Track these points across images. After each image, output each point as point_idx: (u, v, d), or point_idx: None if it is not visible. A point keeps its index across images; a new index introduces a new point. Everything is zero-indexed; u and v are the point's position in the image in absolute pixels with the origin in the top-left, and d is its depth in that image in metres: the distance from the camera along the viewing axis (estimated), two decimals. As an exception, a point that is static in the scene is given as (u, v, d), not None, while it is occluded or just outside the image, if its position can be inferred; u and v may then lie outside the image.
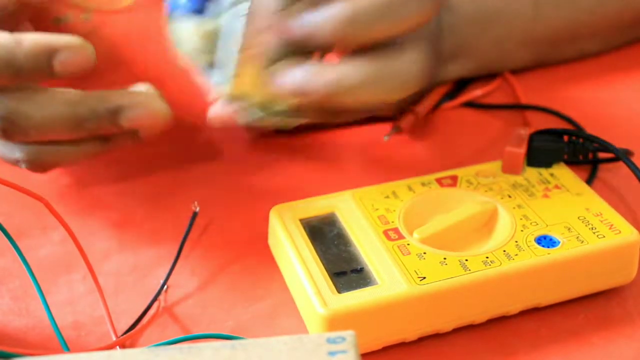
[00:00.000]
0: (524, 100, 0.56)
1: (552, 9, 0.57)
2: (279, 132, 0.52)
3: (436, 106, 0.55)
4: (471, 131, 0.54)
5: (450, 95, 0.56)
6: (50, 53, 0.41)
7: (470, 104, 0.56)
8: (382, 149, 0.52)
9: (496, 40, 0.56)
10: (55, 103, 0.43)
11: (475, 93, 0.56)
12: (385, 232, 0.41)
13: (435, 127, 0.54)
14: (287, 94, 0.44)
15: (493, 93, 0.57)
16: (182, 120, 0.53)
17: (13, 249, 0.42)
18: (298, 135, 0.53)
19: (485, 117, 0.55)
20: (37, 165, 0.46)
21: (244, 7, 0.42)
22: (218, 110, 0.47)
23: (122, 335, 0.39)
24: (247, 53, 0.42)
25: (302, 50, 0.44)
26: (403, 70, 0.45)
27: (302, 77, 0.44)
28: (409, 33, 0.45)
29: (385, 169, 0.50)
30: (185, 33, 0.43)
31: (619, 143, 0.46)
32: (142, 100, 0.44)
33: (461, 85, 0.57)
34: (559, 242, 0.40)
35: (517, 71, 0.58)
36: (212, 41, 0.43)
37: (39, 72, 0.42)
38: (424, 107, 0.54)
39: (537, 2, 0.56)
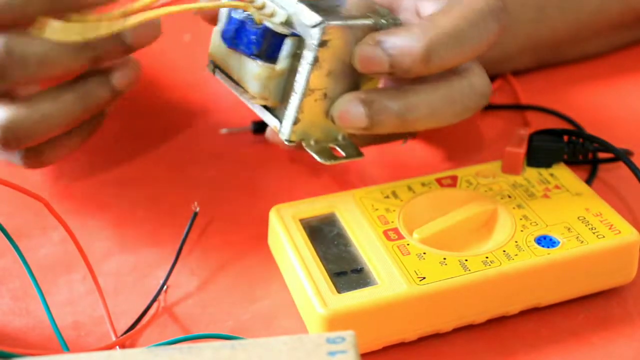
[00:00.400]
0: (525, 100, 0.56)
1: (556, 12, 0.56)
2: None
3: None
4: (471, 131, 0.54)
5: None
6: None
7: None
8: (382, 150, 0.52)
9: (500, 45, 0.56)
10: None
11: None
12: (385, 232, 0.41)
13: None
14: (352, 129, 0.42)
15: (494, 93, 0.57)
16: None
17: (13, 249, 0.42)
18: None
19: (486, 117, 0.55)
20: (36, 160, 0.45)
21: (309, 55, 0.41)
22: (272, 137, 0.47)
23: (121, 335, 0.39)
24: (309, 98, 0.41)
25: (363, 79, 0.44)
26: (472, 92, 0.44)
27: (368, 112, 0.42)
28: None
29: (385, 169, 0.50)
30: (252, 71, 0.42)
31: (619, 143, 0.46)
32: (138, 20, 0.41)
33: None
34: (558, 242, 0.40)
35: (518, 72, 0.58)
36: (276, 84, 0.42)
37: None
38: None
39: (541, 7, 0.56)
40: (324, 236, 0.41)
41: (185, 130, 0.54)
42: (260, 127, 0.52)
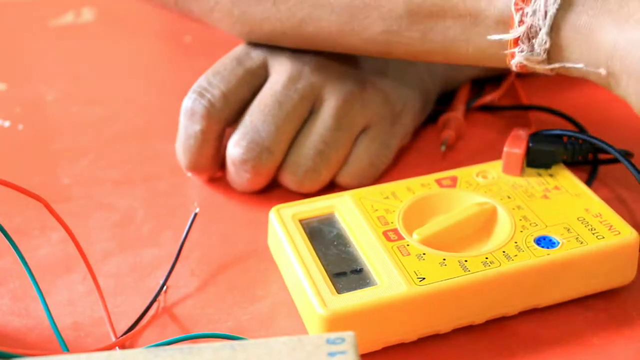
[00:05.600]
0: (526, 101, 0.56)
1: None
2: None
3: (467, 109, 0.55)
4: (472, 132, 0.54)
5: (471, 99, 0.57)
6: None
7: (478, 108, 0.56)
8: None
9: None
10: None
11: (486, 98, 0.56)
12: (385, 233, 0.41)
13: (436, 128, 0.54)
14: None
15: (494, 93, 0.57)
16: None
17: (13, 249, 0.41)
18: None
19: (487, 118, 0.55)
20: None
21: None
22: None
23: (121, 335, 0.39)
24: None
25: None
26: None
27: None
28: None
29: (384, 170, 0.50)
30: None
31: (619, 144, 0.46)
32: None
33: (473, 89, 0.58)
34: (558, 243, 0.40)
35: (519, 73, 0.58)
36: None
37: None
38: (461, 111, 0.54)
39: None
40: (324, 237, 0.41)
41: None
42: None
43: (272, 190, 0.49)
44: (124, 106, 0.59)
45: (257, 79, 0.48)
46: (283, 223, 0.42)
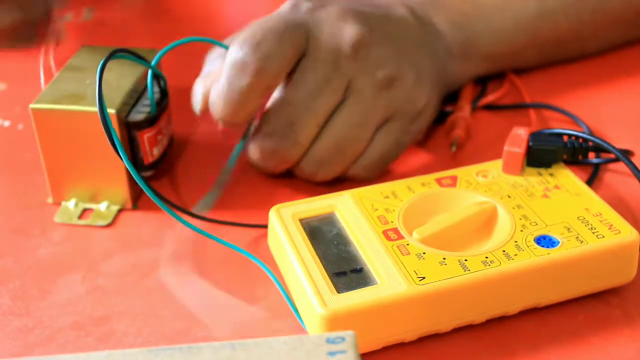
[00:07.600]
0: (528, 99, 0.56)
1: (557, 6, 0.57)
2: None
3: (473, 109, 0.55)
4: (472, 131, 0.54)
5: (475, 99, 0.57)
6: None
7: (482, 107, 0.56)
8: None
9: (503, 36, 0.56)
10: None
11: (488, 98, 0.56)
12: (385, 232, 0.41)
13: (442, 128, 0.54)
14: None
15: (495, 93, 0.57)
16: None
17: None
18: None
19: (488, 116, 0.55)
20: None
21: None
22: None
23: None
24: None
25: None
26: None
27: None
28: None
29: (392, 164, 0.50)
30: None
31: (619, 143, 0.46)
32: None
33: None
34: (558, 242, 0.40)
35: (521, 71, 0.58)
36: None
37: None
38: (467, 110, 0.54)
39: (542, 0, 0.56)
40: (324, 236, 0.41)
41: (185, 130, 0.54)
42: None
43: (273, 189, 0.49)
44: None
45: (300, 49, 0.46)
46: (283, 223, 0.42)
